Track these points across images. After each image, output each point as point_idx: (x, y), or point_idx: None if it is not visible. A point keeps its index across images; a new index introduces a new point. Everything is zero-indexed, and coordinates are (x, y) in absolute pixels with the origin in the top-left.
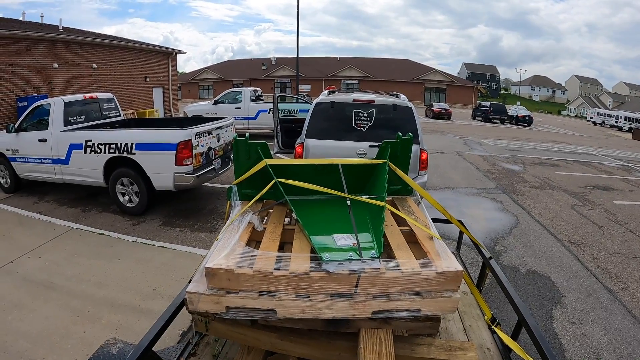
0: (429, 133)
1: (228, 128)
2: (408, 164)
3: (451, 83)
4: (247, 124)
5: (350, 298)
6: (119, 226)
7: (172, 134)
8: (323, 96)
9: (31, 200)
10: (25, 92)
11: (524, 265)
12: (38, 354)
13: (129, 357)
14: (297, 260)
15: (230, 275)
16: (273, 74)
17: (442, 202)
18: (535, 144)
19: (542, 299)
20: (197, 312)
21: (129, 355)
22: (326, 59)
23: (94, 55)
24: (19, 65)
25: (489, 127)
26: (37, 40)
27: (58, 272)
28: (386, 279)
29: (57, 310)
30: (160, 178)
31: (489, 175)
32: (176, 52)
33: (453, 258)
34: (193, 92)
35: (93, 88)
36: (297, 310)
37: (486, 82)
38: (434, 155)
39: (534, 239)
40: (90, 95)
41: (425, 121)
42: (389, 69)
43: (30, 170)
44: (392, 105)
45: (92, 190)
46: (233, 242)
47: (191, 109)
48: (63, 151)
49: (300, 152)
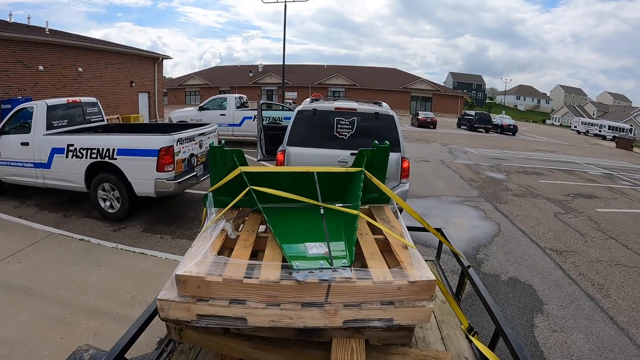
0: (414, 141)
1: (211, 135)
2: (385, 172)
3: (437, 92)
4: (232, 130)
5: (321, 307)
6: (99, 232)
7: (154, 140)
8: (305, 104)
9: (12, 204)
10: (9, 94)
11: (506, 273)
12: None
13: None
14: (268, 268)
15: (200, 282)
16: (260, 81)
17: (425, 210)
18: (519, 152)
19: (523, 307)
20: (169, 319)
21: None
22: (313, 67)
23: (80, 59)
24: (3, 67)
25: (473, 136)
26: (22, 42)
27: (37, 278)
28: (357, 288)
29: (35, 316)
30: (141, 184)
31: (473, 184)
32: (162, 58)
33: (426, 267)
34: (180, 97)
35: (78, 91)
36: (267, 318)
37: (472, 92)
38: (418, 164)
39: (516, 247)
40: (74, 99)
41: (410, 130)
42: (376, 77)
43: (12, 174)
44: (373, 114)
45: (74, 195)
46: (205, 250)
47: (176, 115)
48: (45, 155)
49: (282, 159)
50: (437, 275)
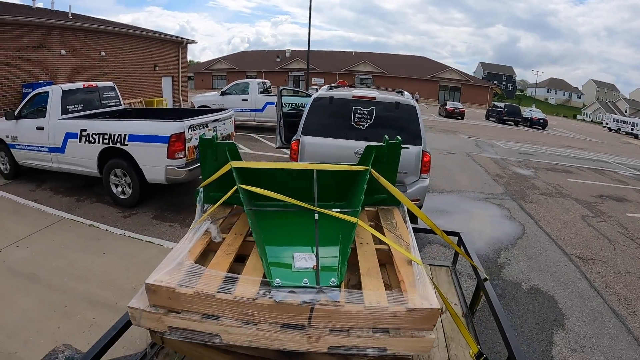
0: (441, 132)
1: (226, 121)
2: (396, 171)
3: (466, 82)
4: (254, 116)
5: (303, 330)
6: (109, 218)
7: (165, 126)
8: (322, 91)
9: (29, 187)
10: (31, 78)
11: (527, 281)
12: (11, 347)
13: None
14: (245, 283)
15: (171, 294)
16: (287, 67)
17: (446, 206)
18: (548, 148)
19: (543, 320)
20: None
21: None
22: (341, 53)
23: (102, 43)
24: (25, 51)
25: (502, 129)
26: (44, 26)
27: (43, 264)
28: (345, 312)
29: (35, 304)
30: (152, 170)
31: (498, 180)
32: (187, 42)
33: (431, 291)
34: (206, 82)
35: (101, 75)
36: (242, 337)
37: (502, 83)
38: (443, 156)
39: (540, 251)
40: (90, 84)
41: (437, 120)
42: (404, 65)
43: (28, 157)
44: (394, 103)
45: (89, 180)
46: (182, 255)
47: (198, 100)
48: (59, 140)
49: (296, 149)
50: (452, 283)
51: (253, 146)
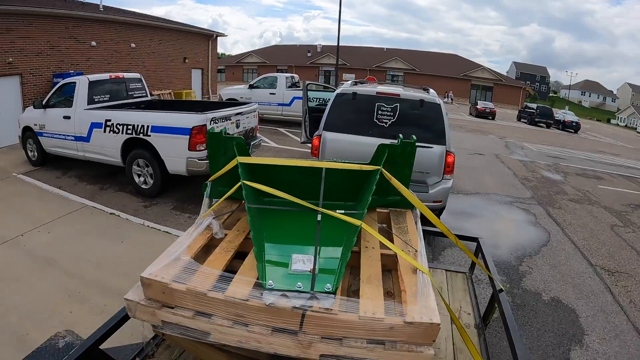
0: (470, 132)
1: (250, 114)
2: (410, 172)
3: (499, 82)
4: (281, 110)
5: (295, 335)
6: (130, 207)
7: (187, 118)
8: (346, 86)
9: (55, 174)
10: (62, 68)
11: (548, 291)
12: (24, 328)
13: (71, 353)
14: (238, 283)
15: (164, 288)
16: (318, 61)
17: (470, 208)
18: (580, 152)
19: (561, 335)
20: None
21: (72, 351)
22: (373, 49)
23: (132, 35)
24: (56, 42)
25: (533, 131)
26: (75, 18)
27: (61, 249)
28: (338, 321)
29: (51, 288)
30: (173, 162)
31: (526, 183)
32: (217, 35)
33: (432, 304)
34: (237, 75)
35: (130, 67)
36: (233, 338)
37: (535, 83)
38: (471, 157)
39: (565, 260)
40: (117, 75)
41: (468, 119)
42: (436, 63)
43: (55, 145)
44: (418, 101)
45: (113, 169)
46: (180, 250)
47: (226, 92)
48: (85, 129)
49: (317, 144)
50: (467, 291)
51: (279, 140)
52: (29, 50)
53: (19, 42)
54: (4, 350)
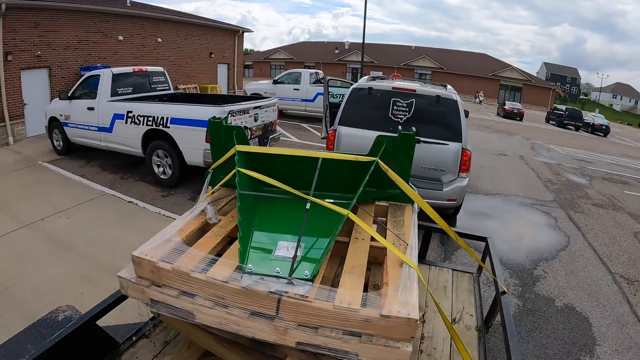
0: (496, 133)
1: (269, 108)
2: (410, 165)
3: (528, 82)
4: (305, 106)
5: (271, 320)
6: (148, 196)
7: (204, 111)
8: (362, 81)
9: (78, 163)
10: (89, 62)
11: (562, 298)
12: (36, 307)
13: (68, 326)
14: (221, 265)
15: (152, 267)
16: (345, 59)
17: (487, 209)
18: (608, 156)
19: (571, 344)
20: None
21: (69, 324)
22: (400, 47)
23: (159, 30)
24: (84, 36)
25: (561, 133)
26: (103, 13)
27: (79, 234)
28: (313, 309)
29: (66, 270)
30: (191, 153)
31: (549, 186)
32: (243, 31)
33: (414, 299)
34: (265, 70)
35: (157, 61)
36: (214, 319)
37: (566, 85)
38: (495, 157)
39: (582, 267)
40: (140, 68)
41: (495, 120)
42: (464, 62)
43: (79, 135)
44: (435, 97)
45: (135, 159)
46: (173, 232)
47: (251, 87)
48: (107, 120)
49: (332, 139)
50: (472, 292)
51: (301, 135)
52: (57, 44)
53: (48, 36)
54: (15, 325)
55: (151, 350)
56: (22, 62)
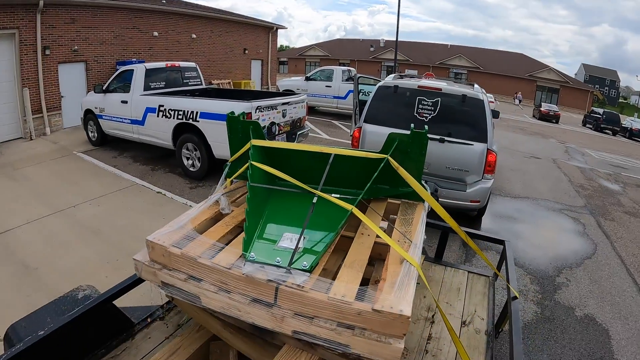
0: (530, 135)
1: (298, 105)
2: (422, 163)
3: (565, 84)
4: (336, 103)
5: (269, 308)
6: (177, 187)
7: (232, 106)
8: (388, 79)
9: (111, 154)
10: (124, 56)
11: (583, 307)
12: (61, 287)
13: (87, 304)
14: (227, 253)
15: (164, 252)
16: (380, 56)
17: (514, 212)
18: None
19: (587, 356)
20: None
21: (88, 302)
22: (436, 46)
23: (194, 26)
24: (120, 32)
25: (597, 137)
26: (138, 10)
27: (108, 221)
28: (308, 298)
29: (92, 254)
30: (219, 147)
31: (581, 191)
32: (277, 27)
33: (409, 297)
34: (300, 67)
35: (191, 56)
36: (218, 303)
37: (604, 88)
38: (526, 160)
39: (608, 276)
40: (172, 64)
41: (530, 122)
42: (501, 62)
43: (113, 127)
44: (460, 96)
45: (166, 152)
46: (187, 220)
47: (283, 83)
48: (140, 113)
49: (358, 136)
50: (486, 295)
51: (331, 132)
52: (94, 39)
53: (84, 31)
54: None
55: (164, 331)
56: (60, 56)
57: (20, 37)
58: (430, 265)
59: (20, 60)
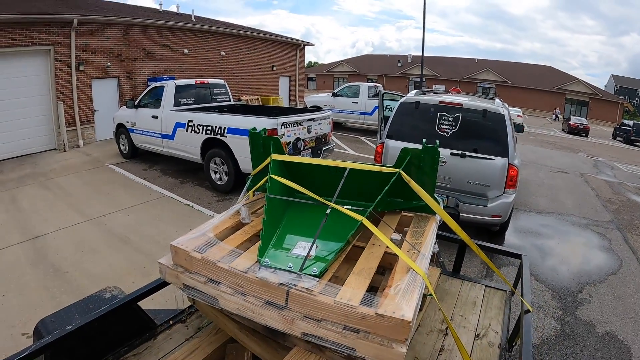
0: (559, 149)
1: (323, 121)
2: (434, 177)
3: (595, 96)
4: (363, 119)
5: (280, 310)
6: (204, 200)
7: (259, 122)
8: (410, 95)
9: (142, 167)
10: (156, 73)
11: (605, 324)
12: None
13: (113, 303)
14: (243, 258)
15: (186, 256)
16: (408, 72)
17: (539, 227)
18: None
19: None
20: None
21: (113, 302)
22: (464, 60)
23: (223, 43)
24: (151, 49)
25: (628, 150)
26: (169, 28)
27: (136, 230)
28: (316, 302)
29: (121, 261)
30: (246, 161)
31: (608, 206)
32: (304, 44)
33: (412, 303)
34: (328, 83)
35: (220, 73)
36: (234, 305)
37: (635, 99)
38: (553, 175)
39: (632, 293)
40: (202, 80)
41: (559, 136)
42: (529, 75)
43: (144, 141)
44: (481, 111)
45: (195, 165)
46: (208, 228)
47: (311, 100)
48: (170, 128)
49: (380, 152)
50: (502, 310)
51: (357, 148)
52: (126, 56)
53: (117, 48)
54: None
55: (185, 333)
56: (93, 71)
57: (56, 53)
58: (448, 279)
59: (55, 75)
